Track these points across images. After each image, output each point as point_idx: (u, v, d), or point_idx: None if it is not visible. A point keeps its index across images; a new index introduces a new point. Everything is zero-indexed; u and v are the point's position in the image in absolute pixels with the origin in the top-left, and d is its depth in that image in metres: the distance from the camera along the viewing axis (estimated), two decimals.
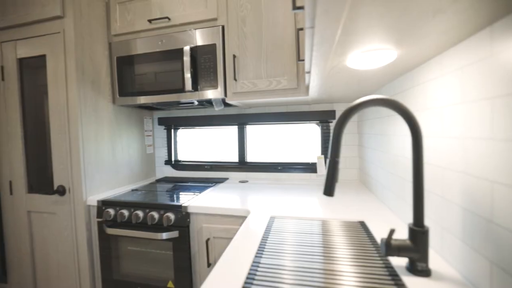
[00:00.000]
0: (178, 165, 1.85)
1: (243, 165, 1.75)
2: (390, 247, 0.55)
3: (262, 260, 0.66)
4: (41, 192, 1.39)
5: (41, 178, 1.40)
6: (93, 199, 1.30)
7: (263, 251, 0.71)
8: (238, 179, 1.71)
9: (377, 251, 0.68)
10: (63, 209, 1.34)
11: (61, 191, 1.32)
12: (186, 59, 1.32)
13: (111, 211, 1.23)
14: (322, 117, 1.58)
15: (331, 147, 0.57)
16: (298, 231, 0.85)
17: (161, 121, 1.86)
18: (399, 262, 0.61)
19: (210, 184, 1.56)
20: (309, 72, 0.92)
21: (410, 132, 0.56)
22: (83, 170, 1.30)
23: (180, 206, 1.15)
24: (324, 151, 1.60)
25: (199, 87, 1.36)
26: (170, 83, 1.41)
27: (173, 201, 1.21)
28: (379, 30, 0.47)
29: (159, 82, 1.43)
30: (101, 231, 1.27)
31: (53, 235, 1.38)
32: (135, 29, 1.47)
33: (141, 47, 1.45)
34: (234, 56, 1.30)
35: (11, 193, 1.44)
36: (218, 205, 1.12)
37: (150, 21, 1.43)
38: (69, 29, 1.31)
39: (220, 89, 1.33)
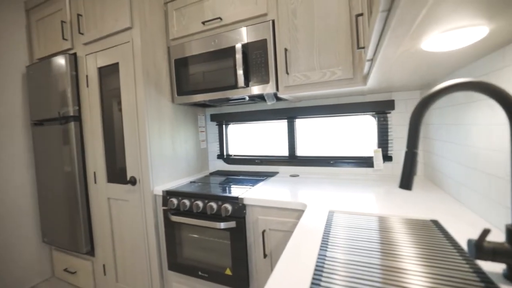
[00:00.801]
0: (229, 159, 1.94)
1: (293, 159, 1.74)
2: (482, 250, 0.49)
3: (328, 254, 0.66)
4: (117, 182, 1.60)
5: (117, 170, 1.61)
6: (158, 189, 1.45)
7: (327, 245, 0.70)
8: (288, 173, 1.72)
9: (459, 253, 0.61)
10: (134, 197, 1.52)
11: (133, 181, 1.50)
12: (238, 56, 1.36)
13: (175, 201, 1.36)
14: (379, 108, 1.47)
15: (408, 137, 0.53)
16: (362, 226, 0.81)
17: (213, 118, 1.96)
18: (492, 267, 0.54)
19: (261, 178, 1.59)
20: (370, 60, 0.86)
21: (509, 121, 0.49)
22: (150, 163, 1.46)
23: (236, 198, 1.21)
24: (381, 144, 1.49)
25: (250, 83, 1.39)
26: (222, 80, 1.47)
27: (230, 193, 1.27)
28: (472, 5, 0.42)
29: (213, 80, 1.51)
30: (166, 218, 1.41)
31: (127, 219, 1.58)
32: (190, 32, 1.57)
33: (195, 48, 1.55)
34: (286, 50, 1.30)
35: (95, 182, 1.69)
36: (273, 198, 1.14)
37: (203, 23, 1.51)
38: (137, 38, 1.47)
39: (271, 83, 1.34)
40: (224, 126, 1.96)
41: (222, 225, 1.21)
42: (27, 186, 1.96)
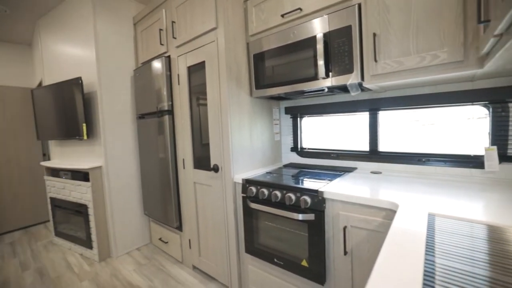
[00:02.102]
0: (303, 152, 1.93)
1: (374, 154, 1.60)
2: None
3: (438, 261, 0.58)
4: (202, 168, 1.80)
5: (202, 158, 1.81)
6: (238, 177, 1.56)
7: (433, 250, 0.63)
8: (368, 170, 1.59)
9: None
10: (217, 183, 1.68)
11: (216, 168, 1.66)
12: (319, 46, 1.32)
13: (253, 189, 1.44)
14: (495, 96, 1.20)
15: None
16: (475, 235, 0.69)
17: (288, 110, 1.98)
18: None
19: (339, 173, 1.53)
20: (500, 35, 0.70)
21: None
22: (231, 153, 1.58)
23: (316, 191, 1.19)
24: (496, 140, 1.22)
25: (331, 73, 1.34)
26: (301, 72, 1.46)
27: (309, 186, 1.27)
28: None
29: (291, 72, 1.51)
30: (244, 204, 1.52)
31: (210, 202, 1.76)
32: (269, 26, 1.61)
33: (273, 42, 1.57)
34: (374, 35, 1.19)
35: (184, 168, 1.95)
36: (356, 194, 1.08)
37: (282, 15, 1.52)
38: (221, 37, 1.59)
39: (356, 72, 1.25)
40: (298, 118, 1.95)
41: (301, 216, 1.22)
42: (134, 168, 2.40)
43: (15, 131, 3.12)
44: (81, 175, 2.28)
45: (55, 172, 2.59)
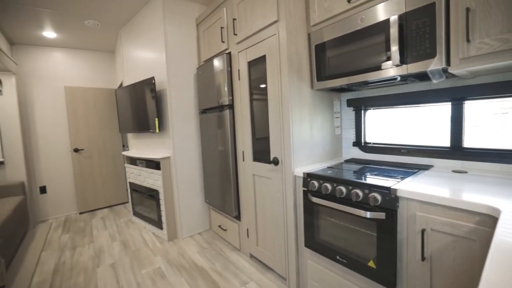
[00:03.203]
0: (367, 147, 1.80)
1: (457, 151, 1.40)
2: None
3: None
4: (261, 161, 1.84)
5: (261, 151, 1.85)
6: (299, 171, 1.55)
7: None
8: (449, 168, 1.40)
9: None
10: (276, 176, 1.70)
11: (276, 161, 1.68)
12: (393, 30, 1.20)
13: (315, 183, 1.41)
14: None
15: None
16: None
17: (350, 103, 1.87)
18: None
19: (412, 170, 1.38)
20: None
21: None
22: (292, 146, 1.58)
23: (388, 188, 1.10)
24: None
25: (407, 59, 1.20)
26: (369, 61, 1.35)
27: (378, 182, 1.18)
28: None
29: (357, 62, 1.41)
30: (305, 198, 1.50)
31: (268, 194, 1.80)
32: (333, 13, 1.52)
33: (338, 30, 1.49)
34: (468, 10, 1.02)
35: (243, 160, 2.03)
36: (439, 193, 0.96)
37: (349, 1, 1.42)
38: (282, 30, 1.58)
39: (439, 57, 1.10)
40: (362, 111, 1.83)
41: (368, 214, 1.15)
42: (196, 159, 2.61)
43: (103, 125, 3.71)
44: (154, 164, 2.59)
45: (133, 161, 3.00)
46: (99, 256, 2.31)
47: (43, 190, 3.38)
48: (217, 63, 2.17)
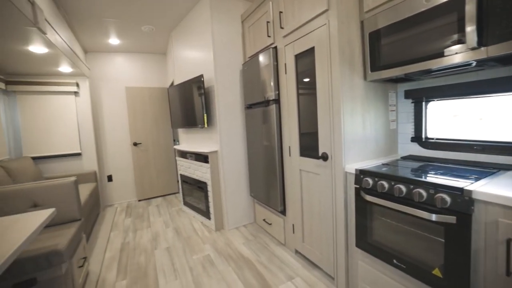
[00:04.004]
0: (429, 143, 1.62)
1: None
2: None
3: None
4: (309, 156, 1.80)
5: (309, 146, 1.81)
6: (350, 167, 1.47)
7: None
8: None
9: None
10: (325, 171, 1.65)
11: (325, 157, 1.62)
12: (470, 7, 1.04)
13: (369, 180, 1.33)
14: None
15: None
16: None
17: (409, 94, 1.69)
18: None
19: (490, 170, 1.20)
20: None
21: None
22: (343, 142, 1.51)
23: (460, 189, 0.98)
24: None
25: (487, 41, 1.03)
26: (435, 46, 1.20)
27: (447, 182, 1.05)
28: None
29: (419, 48, 1.26)
30: (358, 196, 1.42)
31: (316, 190, 1.76)
32: None
33: (397, 14, 1.35)
34: None
35: (289, 155, 2.01)
36: None
37: None
38: (333, 19, 1.50)
39: None
40: (423, 103, 1.64)
41: (434, 217, 1.03)
42: (242, 153, 2.68)
43: (157, 121, 4.06)
44: (202, 158, 2.74)
45: (183, 154, 3.22)
46: (156, 239, 2.56)
47: (109, 178, 3.87)
48: (262, 58, 2.18)
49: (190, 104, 2.87)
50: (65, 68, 2.87)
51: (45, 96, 3.16)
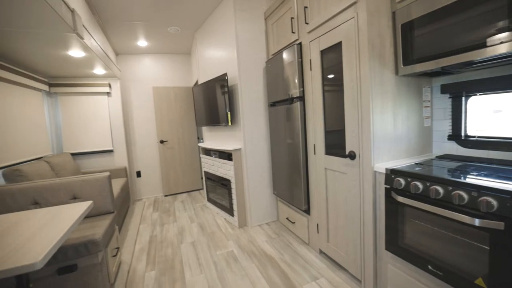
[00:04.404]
0: (469, 141, 1.50)
1: None
2: None
3: None
4: (334, 154, 1.76)
5: (335, 144, 1.76)
6: (380, 167, 1.41)
7: None
8: None
9: None
10: (352, 171, 1.60)
11: (352, 155, 1.57)
12: None
13: (402, 181, 1.26)
14: None
15: None
16: None
17: (446, 88, 1.58)
18: None
19: None
20: None
21: None
22: (372, 140, 1.44)
23: (510, 193, 0.89)
24: None
25: None
26: (478, 35, 1.10)
27: (489, 184, 0.97)
28: None
29: (459, 38, 1.16)
30: (388, 197, 1.36)
31: (342, 189, 1.70)
32: None
33: (434, 3, 1.26)
34: None
35: (314, 153, 1.97)
36: None
37: None
38: (362, 11, 1.43)
39: None
40: (463, 98, 1.52)
41: (478, 222, 0.95)
42: (265, 151, 2.68)
43: (182, 119, 4.19)
44: (226, 155, 2.78)
45: (207, 152, 3.29)
46: (181, 234, 2.65)
47: (138, 174, 4.07)
48: (286, 55, 2.15)
49: (214, 102, 2.92)
50: (99, 70, 3.06)
51: (82, 96, 3.40)
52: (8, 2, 1.35)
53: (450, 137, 1.58)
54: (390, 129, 1.50)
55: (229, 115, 2.62)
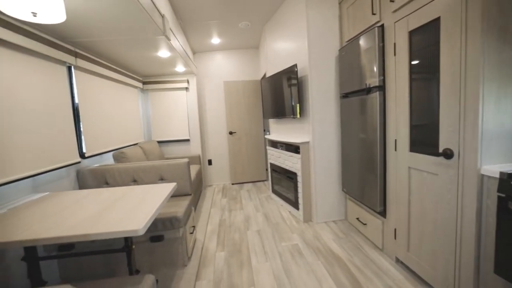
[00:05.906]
0: None
1: None
2: None
3: None
4: (423, 152, 1.51)
5: (423, 139, 1.51)
6: (491, 169, 1.13)
7: None
8: None
9: None
10: (447, 172, 1.34)
11: (448, 154, 1.31)
12: None
13: None
14: None
15: None
16: None
17: None
18: None
19: None
20: None
21: None
22: (479, 135, 1.17)
23: None
24: None
25: None
26: None
27: None
28: None
29: None
30: (502, 208, 1.08)
31: (432, 193, 1.45)
32: None
33: None
34: None
35: (395, 150, 1.74)
36: None
37: None
38: None
39: None
40: None
41: None
42: (335, 145, 2.53)
43: (250, 112, 4.35)
44: (293, 148, 2.75)
45: (274, 144, 3.33)
46: (248, 221, 2.79)
47: (210, 162, 4.46)
48: (364, 40, 1.94)
49: (281, 94, 2.91)
50: (180, 68, 3.43)
51: (166, 92, 3.90)
52: (118, 13, 1.62)
53: None
54: (508, 122, 1.18)
55: (297, 107, 2.57)
